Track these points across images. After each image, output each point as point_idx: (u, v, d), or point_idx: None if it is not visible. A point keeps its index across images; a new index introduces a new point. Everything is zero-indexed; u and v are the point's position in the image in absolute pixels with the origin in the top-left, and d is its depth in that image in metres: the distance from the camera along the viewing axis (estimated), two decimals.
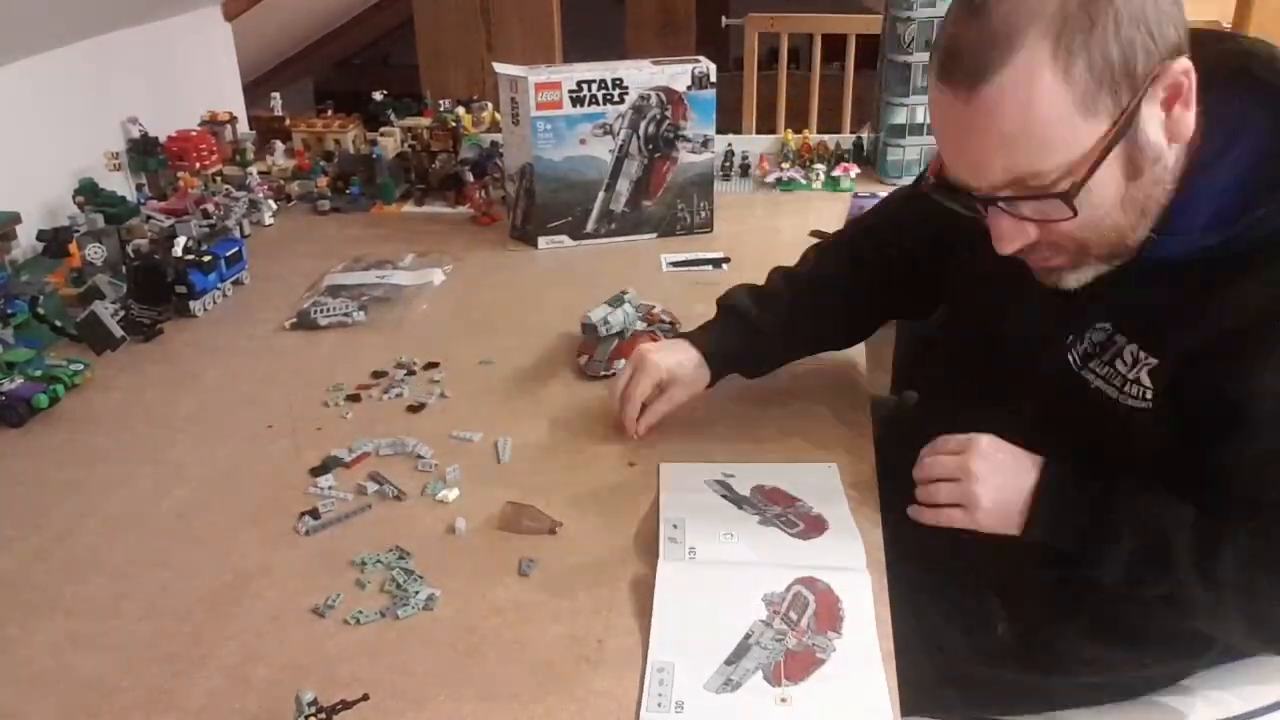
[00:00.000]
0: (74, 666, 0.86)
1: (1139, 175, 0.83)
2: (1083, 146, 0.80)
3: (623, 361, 1.25)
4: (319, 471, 1.12)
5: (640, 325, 1.36)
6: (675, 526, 1.00)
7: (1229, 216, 0.84)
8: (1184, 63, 0.80)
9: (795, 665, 0.84)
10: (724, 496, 1.05)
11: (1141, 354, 0.90)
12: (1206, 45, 0.86)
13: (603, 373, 1.30)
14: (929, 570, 1.00)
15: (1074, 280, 0.92)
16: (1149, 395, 0.89)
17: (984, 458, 0.93)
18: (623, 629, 0.88)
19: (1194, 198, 0.86)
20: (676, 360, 1.16)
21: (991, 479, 0.92)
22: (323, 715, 0.79)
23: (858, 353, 1.35)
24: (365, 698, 0.81)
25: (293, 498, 1.08)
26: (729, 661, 0.84)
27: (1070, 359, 0.95)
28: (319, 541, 1.01)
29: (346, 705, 0.80)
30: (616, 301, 1.34)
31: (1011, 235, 0.87)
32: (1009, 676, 1.04)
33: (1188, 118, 0.82)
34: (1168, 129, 0.82)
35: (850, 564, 0.95)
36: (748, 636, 0.87)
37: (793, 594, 0.90)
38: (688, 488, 1.07)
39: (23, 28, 1.72)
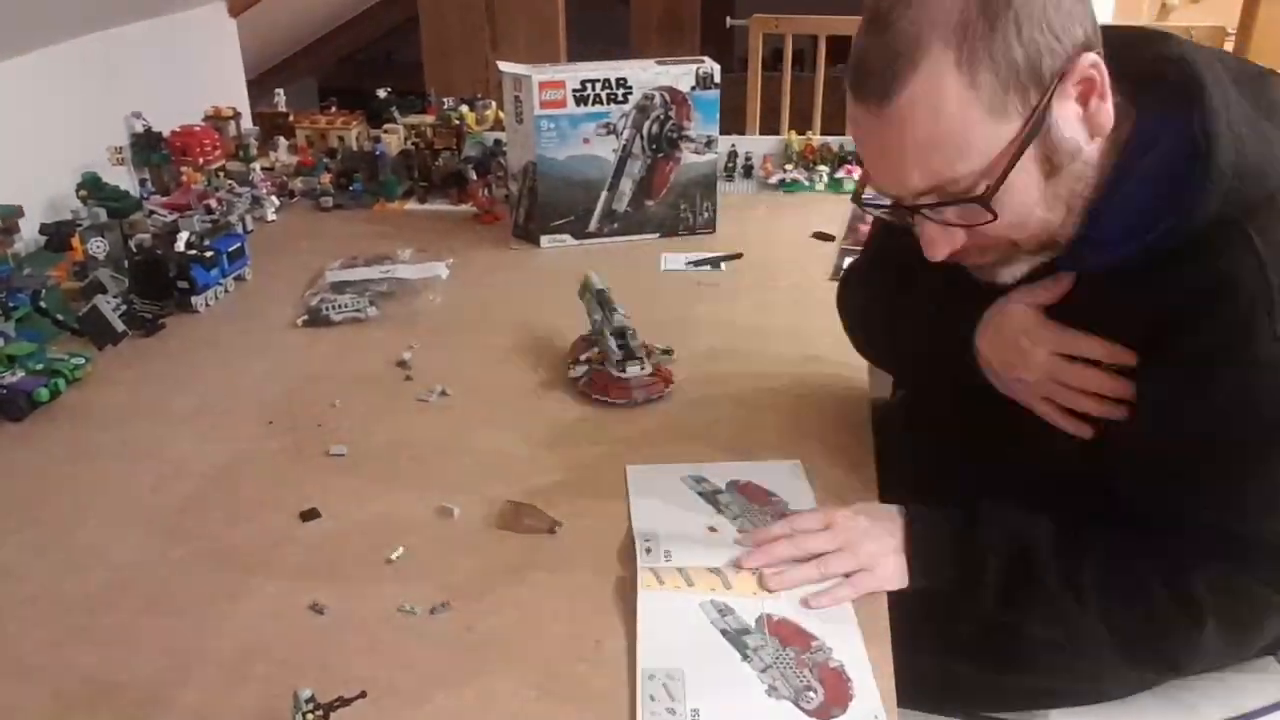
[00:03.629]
0: (72, 661, 0.86)
1: (1058, 172, 0.84)
2: (996, 149, 0.81)
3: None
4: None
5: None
6: (648, 536, 0.99)
7: (1143, 227, 0.84)
8: (1091, 57, 0.81)
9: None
10: (699, 493, 1.05)
11: None
12: (1139, 45, 0.87)
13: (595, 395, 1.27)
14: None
15: (1008, 275, 0.92)
16: None
17: (852, 526, 0.94)
18: (621, 630, 0.88)
19: (1116, 202, 0.86)
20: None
21: (870, 540, 0.93)
22: (320, 712, 0.79)
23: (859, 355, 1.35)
24: (363, 695, 0.81)
25: (293, 494, 1.08)
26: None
27: None
28: (319, 539, 1.01)
29: (344, 702, 0.80)
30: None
31: (939, 241, 0.88)
32: (974, 673, 1.05)
33: (1105, 109, 0.83)
34: (1087, 123, 0.83)
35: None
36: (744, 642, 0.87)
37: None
38: (658, 489, 1.06)
39: (27, 22, 1.72)
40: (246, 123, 2.23)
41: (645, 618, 0.89)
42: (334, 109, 2.25)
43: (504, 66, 1.72)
